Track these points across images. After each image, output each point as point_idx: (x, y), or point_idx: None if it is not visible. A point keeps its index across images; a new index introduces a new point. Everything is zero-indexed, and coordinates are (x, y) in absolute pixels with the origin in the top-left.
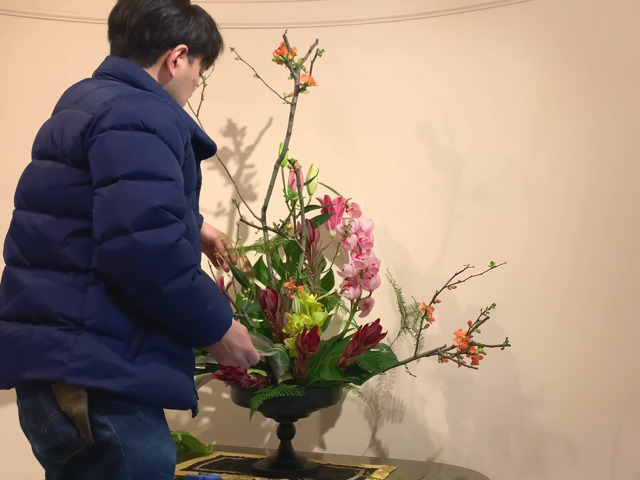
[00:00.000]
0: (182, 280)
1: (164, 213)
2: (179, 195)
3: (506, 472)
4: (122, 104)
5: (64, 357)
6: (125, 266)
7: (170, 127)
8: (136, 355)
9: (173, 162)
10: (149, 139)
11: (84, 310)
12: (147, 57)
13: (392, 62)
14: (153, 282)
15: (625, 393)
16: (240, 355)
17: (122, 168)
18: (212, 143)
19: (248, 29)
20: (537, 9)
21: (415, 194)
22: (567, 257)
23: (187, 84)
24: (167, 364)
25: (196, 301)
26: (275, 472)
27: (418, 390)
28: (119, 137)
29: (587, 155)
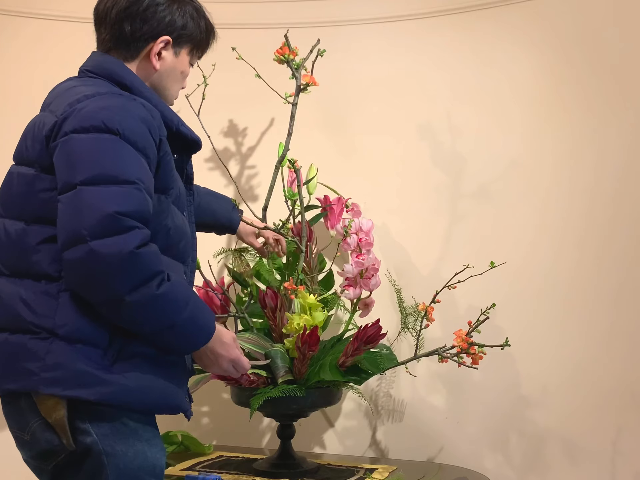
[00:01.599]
0: (146, 289)
1: (122, 219)
2: (141, 199)
3: (506, 472)
4: (87, 105)
5: (37, 367)
6: (86, 276)
7: (137, 126)
8: (114, 362)
9: (137, 164)
10: (110, 142)
11: (56, 319)
12: (128, 51)
13: (393, 62)
14: (115, 292)
15: (625, 393)
16: (226, 364)
17: (81, 174)
18: (195, 137)
19: (249, 29)
20: (538, 9)
21: (416, 193)
22: (567, 257)
23: (175, 76)
24: (150, 370)
25: (166, 310)
26: (275, 472)
27: (418, 390)
28: (79, 141)
29: (588, 155)
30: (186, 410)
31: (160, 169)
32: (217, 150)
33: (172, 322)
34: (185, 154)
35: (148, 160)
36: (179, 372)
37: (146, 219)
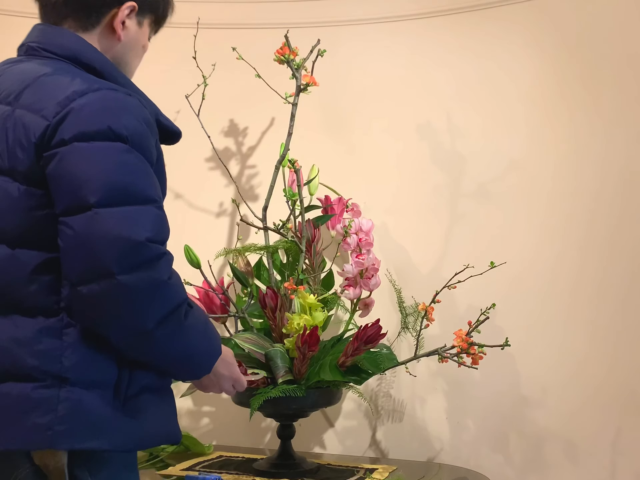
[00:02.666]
0: (175, 321)
1: (152, 247)
2: (164, 218)
3: (506, 472)
4: (84, 105)
5: (48, 420)
6: (110, 311)
7: (141, 129)
8: (125, 402)
9: (152, 177)
10: (121, 152)
11: (64, 361)
12: (88, 17)
13: (394, 62)
14: (143, 327)
15: (625, 393)
16: (228, 385)
17: (95, 193)
18: (176, 128)
19: (249, 29)
20: (539, 8)
21: (416, 194)
22: (568, 257)
23: (137, 49)
24: (156, 403)
25: (190, 339)
26: (275, 472)
27: (418, 390)
28: (86, 152)
29: (592, 155)
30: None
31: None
32: (217, 150)
33: (193, 351)
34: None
35: (152, 167)
36: (173, 399)
37: (167, 240)
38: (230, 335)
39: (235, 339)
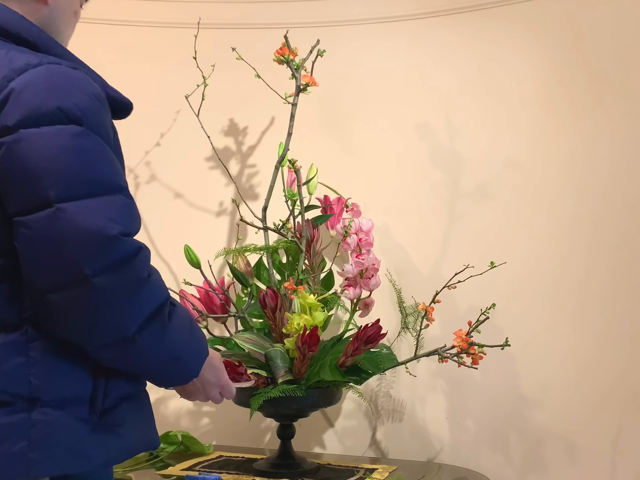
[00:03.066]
0: (158, 323)
1: (127, 242)
2: (133, 207)
3: (506, 472)
4: (24, 82)
5: (21, 447)
6: (87, 319)
7: (94, 106)
8: (102, 416)
9: (115, 161)
10: (76, 136)
11: (31, 379)
12: None
13: (393, 62)
14: (125, 331)
15: (625, 393)
16: (215, 392)
17: (53, 186)
18: (126, 100)
19: (249, 29)
20: (541, 7)
21: (416, 193)
22: (568, 258)
23: (69, 15)
24: (134, 412)
25: (176, 341)
26: (275, 472)
27: (418, 390)
28: (36, 140)
29: (597, 155)
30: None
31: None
32: (217, 150)
33: (180, 354)
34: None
35: (111, 148)
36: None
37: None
38: (230, 335)
39: (235, 339)
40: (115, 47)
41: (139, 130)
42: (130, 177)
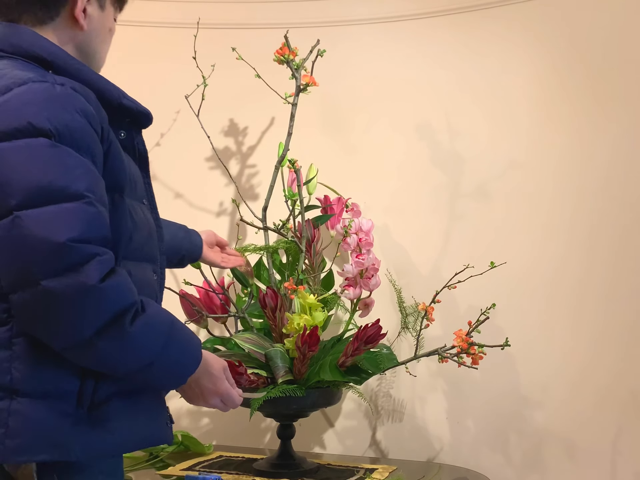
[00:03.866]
0: (118, 328)
1: (77, 247)
2: (96, 215)
3: (506, 472)
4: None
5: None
6: (43, 321)
7: (72, 119)
8: (90, 410)
9: (83, 171)
10: (44, 147)
11: (13, 371)
12: (47, 11)
13: (393, 62)
14: (81, 336)
15: (625, 393)
16: (215, 400)
17: (14, 195)
18: (143, 109)
19: (249, 29)
20: (539, 8)
21: (416, 193)
22: (568, 258)
23: (104, 34)
24: (130, 409)
25: (143, 347)
26: (275, 472)
27: (418, 390)
28: (6, 153)
29: (596, 155)
30: (167, 440)
31: (108, 163)
32: (217, 150)
33: (151, 359)
34: (134, 130)
35: (94, 159)
36: (158, 401)
37: (106, 238)
38: (230, 335)
39: (235, 339)
40: (115, 47)
41: None
42: None
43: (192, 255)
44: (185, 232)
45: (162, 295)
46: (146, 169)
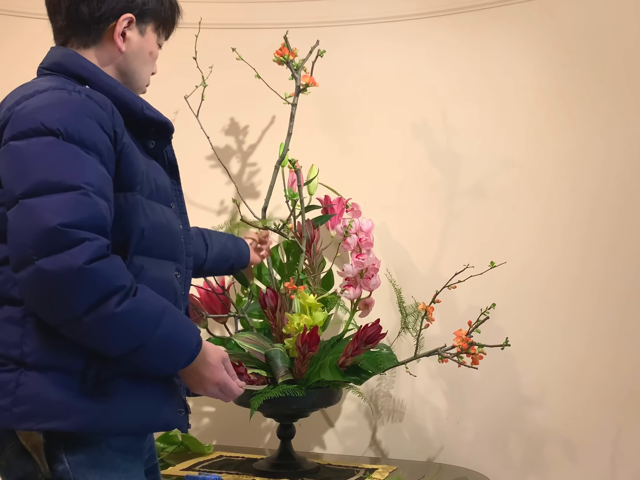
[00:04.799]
0: (104, 308)
1: (67, 232)
2: (91, 205)
3: (506, 472)
4: (24, 107)
5: (7, 402)
6: (38, 297)
7: (81, 121)
8: (94, 386)
9: (84, 166)
10: (50, 144)
11: (23, 347)
12: (89, 35)
13: (393, 62)
14: (70, 313)
15: (625, 393)
16: (213, 389)
17: (21, 185)
18: (163, 119)
19: (249, 30)
20: (539, 8)
21: (416, 194)
22: (568, 258)
23: (144, 57)
24: (134, 390)
25: (130, 329)
26: (275, 472)
27: (418, 390)
28: (17, 149)
29: (591, 156)
30: (180, 426)
31: (121, 163)
32: (217, 150)
33: (140, 342)
34: (162, 140)
35: (101, 157)
36: (168, 387)
37: (101, 226)
38: (230, 335)
39: (235, 339)
40: None
41: None
42: None
43: (241, 263)
44: (233, 241)
45: (187, 293)
46: (176, 177)
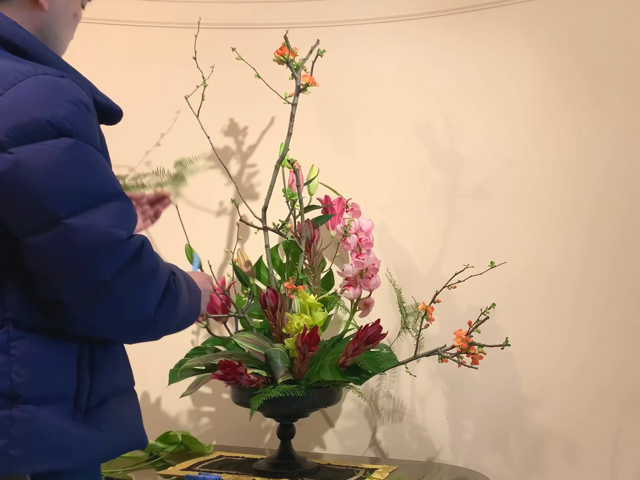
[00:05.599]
0: (170, 299)
1: (132, 241)
2: (131, 208)
3: (506, 472)
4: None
5: (3, 444)
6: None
7: (82, 115)
8: (87, 414)
9: (107, 166)
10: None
11: (13, 377)
12: None
13: (393, 62)
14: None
15: (625, 393)
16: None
17: (58, 203)
18: (116, 106)
19: (249, 29)
20: (539, 9)
21: (416, 194)
22: (568, 257)
23: (67, 19)
24: (121, 410)
25: (183, 305)
26: (275, 472)
27: (418, 390)
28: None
29: (595, 156)
30: (145, 442)
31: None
32: (217, 150)
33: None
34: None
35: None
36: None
37: None
38: (230, 335)
39: (235, 339)
40: (116, 47)
41: (139, 130)
42: (130, 178)
43: None
44: None
45: None
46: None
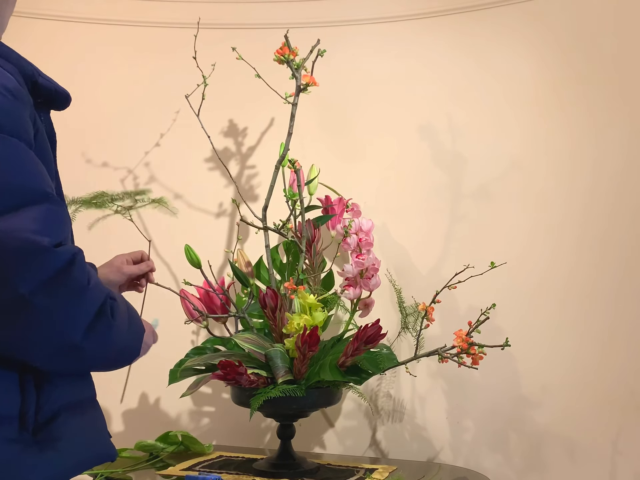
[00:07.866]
0: (103, 324)
1: (59, 251)
2: (60, 212)
3: (506, 472)
4: None
5: None
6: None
7: (7, 104)
8: (36, 432)
9: (36, 164)
10: None
11: None
12: None
13: (393, 62)
14: (71, 342)
15: (625, 393)
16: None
17: None
18: (61, 89)
19: (249, 29)
20: (537, 9)
21: (416, 194)
22: (567, 257)
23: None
24: (77, 423)
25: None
26: (275, 472)
27: (418, 390)
28: None
29: (587, 156)
30: (115, 454)
31: (39, 151)
32: (217, 150)
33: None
34: (44, 111)
35: (32, 148)
36: (99, 411)
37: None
38: (230, 335)
39: (235, 339)
40: (116, 47)
41: (139, 130)
42: (130, 178)
43: None
44: None
45: None
46: (55, 154)
